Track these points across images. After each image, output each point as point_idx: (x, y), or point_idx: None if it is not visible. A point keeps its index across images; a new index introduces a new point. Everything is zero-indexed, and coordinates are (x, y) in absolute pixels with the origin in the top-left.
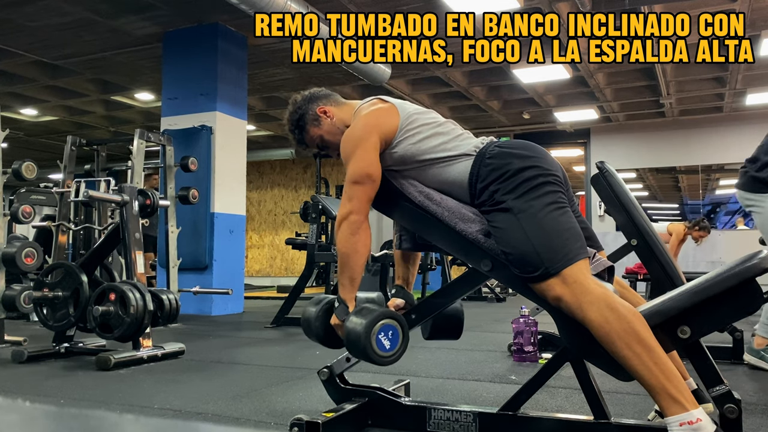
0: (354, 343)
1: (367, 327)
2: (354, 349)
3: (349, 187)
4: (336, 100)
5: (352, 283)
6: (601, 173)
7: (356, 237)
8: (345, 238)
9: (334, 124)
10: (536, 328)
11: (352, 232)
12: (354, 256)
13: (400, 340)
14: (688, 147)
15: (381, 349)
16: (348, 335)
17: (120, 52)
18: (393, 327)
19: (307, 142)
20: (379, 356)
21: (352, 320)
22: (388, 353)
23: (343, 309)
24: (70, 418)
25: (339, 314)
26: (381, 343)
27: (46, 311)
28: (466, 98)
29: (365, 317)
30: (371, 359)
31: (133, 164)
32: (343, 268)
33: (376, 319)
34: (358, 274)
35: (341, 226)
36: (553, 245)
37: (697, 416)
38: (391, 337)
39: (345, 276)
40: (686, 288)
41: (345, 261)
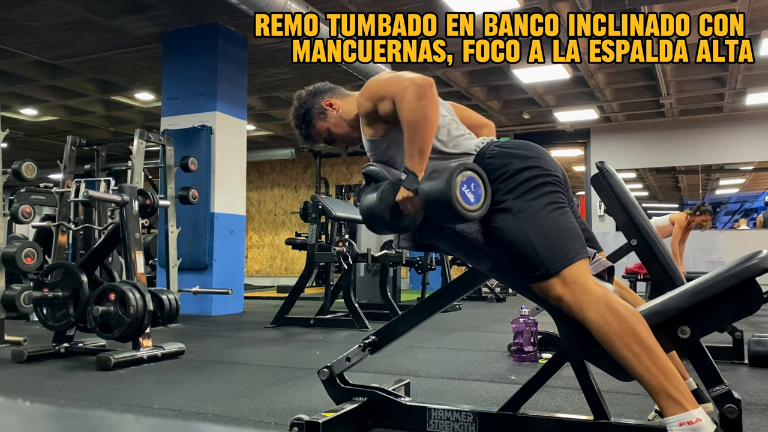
0: (437, 201)
1: (448, 179)
2: (438, 206)
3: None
4: (341, 92)
5: (420, 155)
6: (601, 173)
7: (424, 102)
8: (413, 104)
9: (340, 116)
10: (536, 328)
11: (420, 96)
12: (423, 123)
13: (483, 192)
14: (688, 147)
15: (466, 201)
16: (429, 195)
17: (120, 52)
18: (474, 179)
19: (314, 136)
20: (466, 209)
21: (427, 183)
22: (474, 206)
23: (414, 178)
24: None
25: (409, 184)
26: (465, 195)
27: (46, 311)
28: (466, 98)
29: (443, 173)
30: (458, 214)
31: (133, 164)
32: (412, 139)
33: (457, 171)
34: (428, 144)
35: (407, 92)
36: (553, 245)
37: (696, 416)
38: (474, 190)
39: (414, 147)
40: (686, 288)
41: (414, 130)
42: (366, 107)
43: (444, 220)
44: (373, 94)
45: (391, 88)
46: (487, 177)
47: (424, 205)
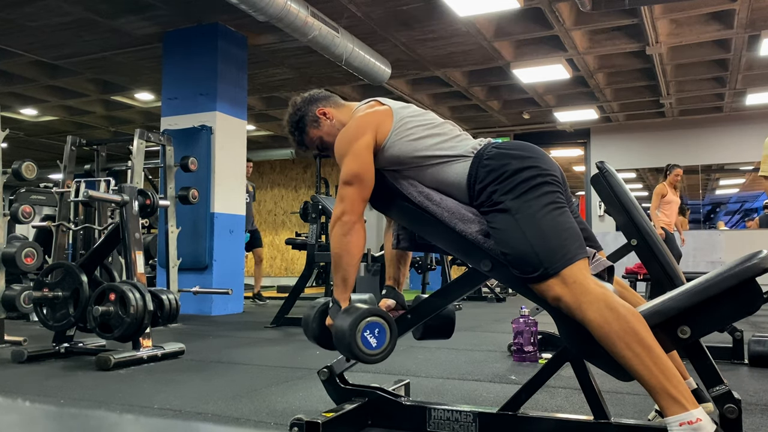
0: (340, 341)
1: (352, 324)
2: (341, 346)
3: (342, 187)
4: (335, 101)
5: (344, 284)
6: (601, 173)
7: (348, 238)
8: (337, 239)
9: (333, 125)
10: (536, 328)
11: (344, 233)
12: (346, 256)
13: (387, 339)
14: (688, 147)
15: (367, 346)
16: (335, 334)
17: (120, 52)
18: (379, 325)
19: (306, 143)
20: (365, 354)
21: (339, 318)
22: (374, 351)
23: (336, 309)
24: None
25: (332, 314)
26: (366, 340)
27: (46, 311)
28: (466, 98)
29: (351, 315)
30: (357, 357)
31: (133, 164)
32: (337, 269)
33: (361, 317)
34: (351, 274)
35: (334, 226)
36: (552, 245)
37: (696, 416)
38: (378, 335)
39: (338, 276)
40: (686, 288)
41: (338, 261)
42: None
43: (348, 357)
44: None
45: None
46: (483, 177)
47: (334, 339)
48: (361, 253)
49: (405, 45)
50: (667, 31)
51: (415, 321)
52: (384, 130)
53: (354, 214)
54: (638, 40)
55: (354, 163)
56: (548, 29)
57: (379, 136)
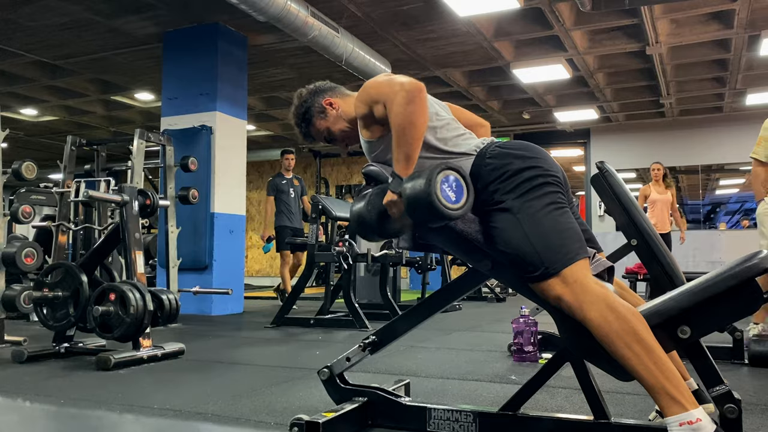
0: (418, 201)
1: (429, 176)
2: (419, 206)
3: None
4: (341, 92)
5: (407, 160)
6: (601, 173)
7: (412, 107)
8: (401, 108)
9: (339, 115)
10: (536, 328)
11: (408, 101)
12: (410, 128)
13: (464, 191)
14: (688, 147)
15: (447, 200)
16: (410, 195)
17: (120, 52)
18: (455, 177)
19: (313, 134)
20: (448, 208)
21: (410, 183)
22: (455, 205)
23: (398, 182)
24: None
25: (394, 187)
26: (446, 194)
27: (46, 311)
28: (466, 98)
29: (423, 173)
30: (439, 212)
31: (133, 164)
32: (399, 143)
33: (437, 169)
34: (415, 150)
35: (396, 97)
36: (553, 245)
37: (696, 416)
38: (456, 189)
39: (401, 151)
40: (686, 288)
41: (401, 135)
42: (362, 110)
43: (427, 220)
44: (368, 97)
45: (383, 91)
46: (486, 176)
47: (407, 205)
48: (425, 127)
49: (405, 45)
50: (667, 31)
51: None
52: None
53: (417, 84)
54: (638, 40)
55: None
56: (548, 29)
57: None
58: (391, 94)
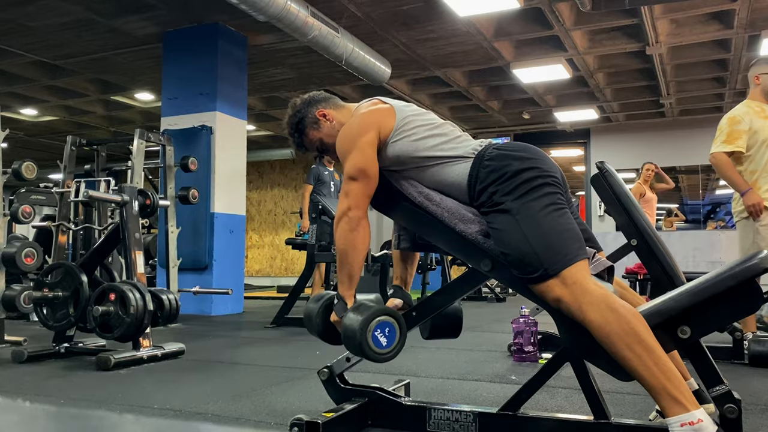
0: (350, 339)
1: (363, 323)
2: (350, 345)
3: (347, 183)
4: (335, 103)
5: (350, 280)
6: (601, 173)
7: (355, 233)
8: (343, 235)
9: (333, 127)
10: (536, 328)
11: (351, 228)
12: (352, 252)
13: (396, 338)
14: (688, 147)
15: (377, 345)
16: (345, 331)
17: (120, 52)
18: (390, 324)
19: (306, 145)
20: (375, 353)
21: (349, 317)
22: (384, 350)
23: (342, 306)
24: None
25: (338, 311)
26: (377, 339)
27: (46, 311)
28: (466, 98)
29: (362, 314)
30: (367, 356)
31: (133, 164)
32: (342, 265)
33: (372, 316)
34: (357, 271)
35: (340, 222)
36: (552, 246)
37: (698, 417)
38: (388, 334)
39: (344, 273)
40: (686, 288)
41: (343, 257)
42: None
43: (357, 355)
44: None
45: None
46: (484, 177)
47: (342, 336)
48: (366, 249)
49: (405, 45)
50: (667, 31)
51: (419, 318)
52: (386, 128)
53: (359, 209)
54: (638, 40)
55: (359, 158)
56: (548, 29)
57: (381, 134)
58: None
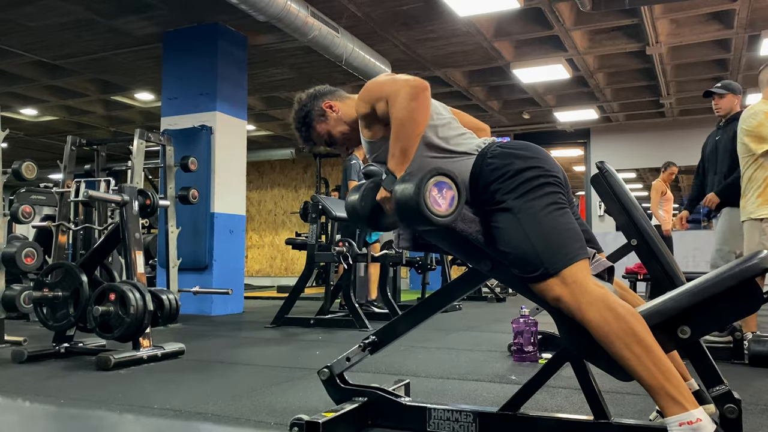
0: (406, 206)
1: (419, 183)
2: (407, 210)
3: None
4: (340, 95)
5: (403, 155)
6: (601, 173)
7: (416, 103)
8: (404, 104)
9: (340, 118)
10: (536, 328)
11: (412, 97)
12: (410, 124)
13: (455, 198)
14: (688, 147)
15: (436, 206)
16: (399, 199)
17: (120, 52)
18: (446, 183)
19: (314, 138)
20: (435, 214)
21: (401, 185)
22: (444, 212)
23: (392, 179)
24: (70, 418)
25: (387, 184)
26: (435, 200)
27: (46, 311)
28: (466, 98)
29: (415, 176)
30: (426, 219)
31: (133, 164)
32: (397, 138)
33: (429, 175)
34: (413, 145)
35: (400, 92)
36: (553, 245)
37: (697, 416)
38: (446, 195)
39: (398, 146)
40: (686, 288)
41: (400, 129)
42: (364, 109)
43: (414, 224)
44: (370, 95)
45: (386, 88)
46: (487, 175)
47: (396, 207)
48: (425, 125)
49: (405, 45)
50: (667, 31)
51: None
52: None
53: (423, 82)
54: (638, 40)
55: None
56: (548, 29)
57: None
58: (395, 90)
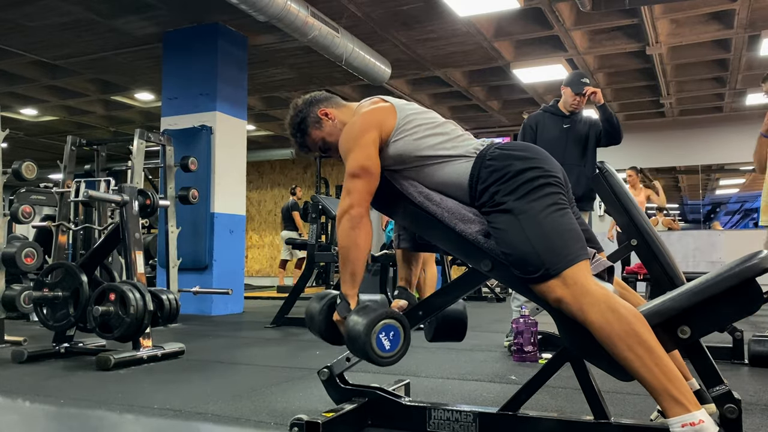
0: (354, 342)
1: (367, 326)
2: (354, 347)
3: (349, 181)
4: (336, 102)
5: (353, 279)
6: (601, 173)
7: (357, 231)
8: (345, 233)
9: (335, 125)
10: (536, 328)
11: (352, 226)
12: (355, 250)
13: (401, 341)
14: (688, 147)
15: (381, 349)
16: (349, 333)
17: (120, 52)
18: (394, 327)
19: (309, 145)
20: (379, 356)
21: (353, 318)
22: (388, 354)
23: (345, 306)
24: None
25: (341, 311)
26: (381, 343)
27: (46, 311)
28: (466, 98)
29: (367, 316)
30: (371, 359)
31: (133, 164)
32: (344, 263)
33: (377, 319)
34: (359, 269)
35: (341, 220)
36: (554, 246)
37: (699, 417)
38: (392, 338)
39: (346, 271)
40: (686, 288)
41: (346, 255)
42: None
43: (359, 356)
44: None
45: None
46: (486, 177)
47: (345, 338)
48: (369, 247)
49: (405, 45)
50: (667, 31)
51: (420, 319)
52: (388, 127)
53: (362, 206)
54: (638, 40)
55: (361, 156)
56: (548, 29)
57: (383, 133)
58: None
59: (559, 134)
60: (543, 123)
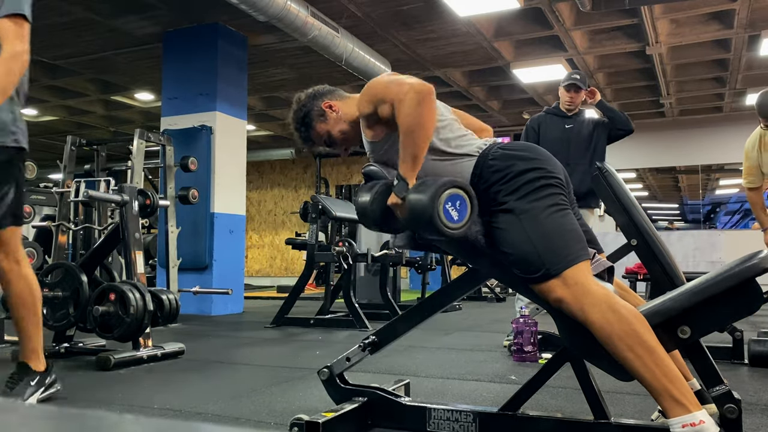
0: (419, 217)
1: (431, 197)
2: (419, 223)
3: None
4: (340, 94)
5: (414, 161)
6: (601, 173)
7: (422, 108)
8: (411, 109)
9: (339, 118)
10: (536, 328)
11: (418, 102)
12: (418, 129)
13: (468, 210)
14: (688, 147)
15: (449, 219)
16: (412, 211)
17: (120, 52)
18: (460, 196)
19: (313, 138)
20: (448, 227)
21: (414, 196)
22: (457, 224)
23: (404, 186)
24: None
25: (399, 191)
26: (449, 213)
27: (46, 311)
28: (466, 98)
29: (429, 188)
30: (440, 231)
31: (133, 164)
32: (406, 144)
33: (443, 188)
34: (422, 150)
35: (405, 98)
36: (555, 246)
37: (699, 418)
38: (459, 207)
39: (407, 152)
40: (686, 288)
41: (408, 135)
42: (367, 109)
43: (425, 233)
44: (374, 96)
45: (390, 91)
46: (488, 177)
47: (409, 215)
48: (433, 128)
49: (405, 45)
50: (667, 31)
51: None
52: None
53: (428, 86)
54: (638, 40)
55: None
56: (548, 29)
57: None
58: (400, 94)
59: (561, 134)
60: (545, 124)
